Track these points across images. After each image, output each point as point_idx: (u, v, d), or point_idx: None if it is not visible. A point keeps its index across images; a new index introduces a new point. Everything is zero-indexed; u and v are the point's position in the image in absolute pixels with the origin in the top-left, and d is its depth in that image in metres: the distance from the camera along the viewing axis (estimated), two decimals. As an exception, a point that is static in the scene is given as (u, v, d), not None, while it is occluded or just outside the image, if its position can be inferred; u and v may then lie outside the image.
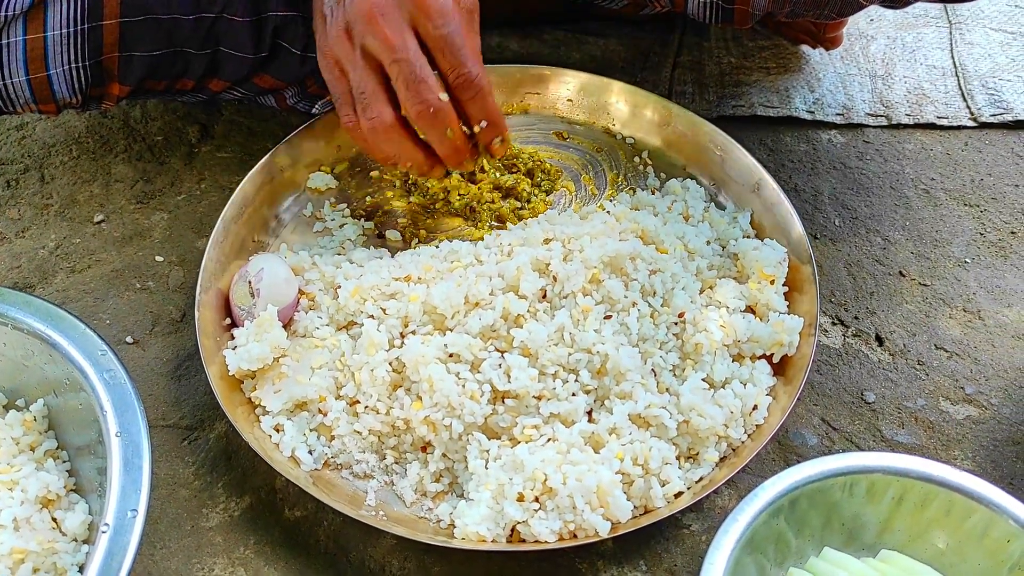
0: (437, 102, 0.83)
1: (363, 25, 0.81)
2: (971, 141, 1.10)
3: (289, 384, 0.82)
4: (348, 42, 0.83)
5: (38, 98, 0.92)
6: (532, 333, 0.81)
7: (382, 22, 0.81)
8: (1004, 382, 0.90)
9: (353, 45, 0.83)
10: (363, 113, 0.84)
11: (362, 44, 0.82)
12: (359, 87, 0.84)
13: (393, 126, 0.84)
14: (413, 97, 0.82)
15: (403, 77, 0.82)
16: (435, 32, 0.82)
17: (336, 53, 0.84)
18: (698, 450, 0.80)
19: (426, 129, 0.85)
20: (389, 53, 0.81)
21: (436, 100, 0.83)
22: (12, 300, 0.79)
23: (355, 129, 0.86)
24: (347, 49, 0.83)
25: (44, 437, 0.79)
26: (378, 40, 0.81)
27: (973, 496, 0.73)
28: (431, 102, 0.82)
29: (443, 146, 0.86)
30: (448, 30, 0.82)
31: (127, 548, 0.66)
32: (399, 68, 0.82)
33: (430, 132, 0.85)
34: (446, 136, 0.85)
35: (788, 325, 0.84)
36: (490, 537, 0.75)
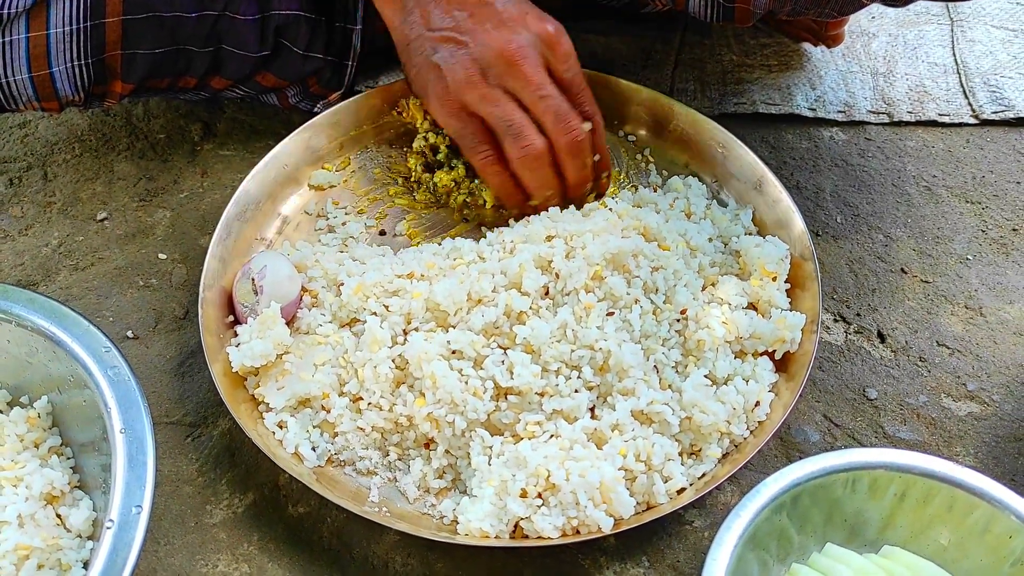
0: (583, 133, 0.89)
1: (502, 67, 0.86)
2: (972, 138, 1.10)
3: (292, 381, 0.82)
4: (484, 84, 0.86)
5: (41, 96, 0.92)
6: (535, 330, 0.81)
7: (523, 64, 0.86)
8: (1006, 378, 0.90)
9: (490, 86, 0.86)
10: (514, 142, 0.87)
11: (501, 84, 0.86)
12: (506, 119, 0.87)
13: (544, 153, 0.88)
14: (563, 127, 0.88)
15: (552, 110, 0.87)
16: (565, 74, 0.89)
17: (465, 98, 0.87)
18: (700, 446, 0.81)
19: (571, 158, 0.89)
20: (535, 90, 0.86)
21: (582, 131, 0.89)
22: (16, 297, 0.79)
23: (493, 164, 0.90)
24: (483, 90, 0.87)
25: (48, 434, 0.79)
26: (520, 80, 0.86)
27: (975, 492, 0.73)
28: (580, 132, 0.88)
29: (579, 175, 0.91)
30: (574, 72, 0.89)
31: (132, 544, 0.66)
32: (546, 103, 0.87)
33: (573, 161, 0.90)
34: (585, 165, 0.91)
35: (790, 322, 0.84)
36: (493, 533, 0.75)
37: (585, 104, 0.90)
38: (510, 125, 0.87)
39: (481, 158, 0.90)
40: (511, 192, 0.92)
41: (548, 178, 0.90)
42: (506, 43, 0.86)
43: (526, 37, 0.87)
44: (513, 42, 0.86)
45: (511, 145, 0.88)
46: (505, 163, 0.90)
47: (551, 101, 0.87)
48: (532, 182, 0.90)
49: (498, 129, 0.88)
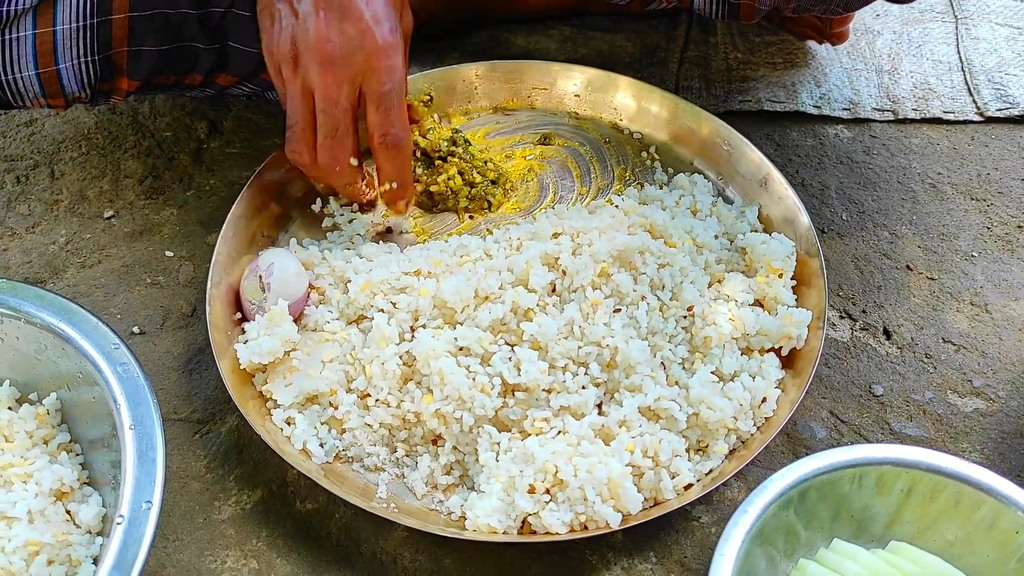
0: (346, 164, 0.88)
1: (310, 61, 0.84)
2: (977, 136, 1.10)
3: (300, 378, 0.83)
4: (292, 70, 0.85)
5: (47, 92, 0.92)
6: (542, 327, 0.81)
7: (327, 70, 0.83)
8: (1012, 375, 0.90)
9: (296, 73, 0.85)
10: (288, 142, 0.89)
11: (304, 77, 0.85)
12: (292, 118, 0.87)
13: (308, 165, 0.89)
14: (327, 151, 0.87)
15: (325, 129, 0.86)
16: (377, 89, 0.85)
17: (279, 65, 0.87)
18: (707, 442, 0.81)
19: (332, 180, 0.91)
20: (322, 100, 0.85)
21: (345, 162, 0.88)
22: (25, 295, 0.79)
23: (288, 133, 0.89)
24: (289, 74, 0.86)
25: (57, 430, 0.80)
26: (319, 83, 0.84)
27: (982, 488, 0.73)
28: (341, 161, 0.88)
29: (347, 194, 0.95)
30: (389, 88, 0.86)
31: (142, 539, 0.67)
32: (324, 118, 0.86)
33: (335, 182, 0.92)
34: (346, 189, 0.93)
35: (796, 318, 0.85)
36: (501, 529, 0.75)
37: (390, 124, 0.87)
38: (292, 124, 0.87)
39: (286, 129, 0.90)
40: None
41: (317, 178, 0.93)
42: (324, 40, 0.83)
43: (344, 43, 0.83)
44: (330, 42, 0.83)
45: (287, 140, 0.88)
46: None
47: (330, 119, 0.85)
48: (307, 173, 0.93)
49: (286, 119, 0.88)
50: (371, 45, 0.84)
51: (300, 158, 0.88)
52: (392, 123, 0.87)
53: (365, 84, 0.85)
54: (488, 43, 1.19)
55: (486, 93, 1.07)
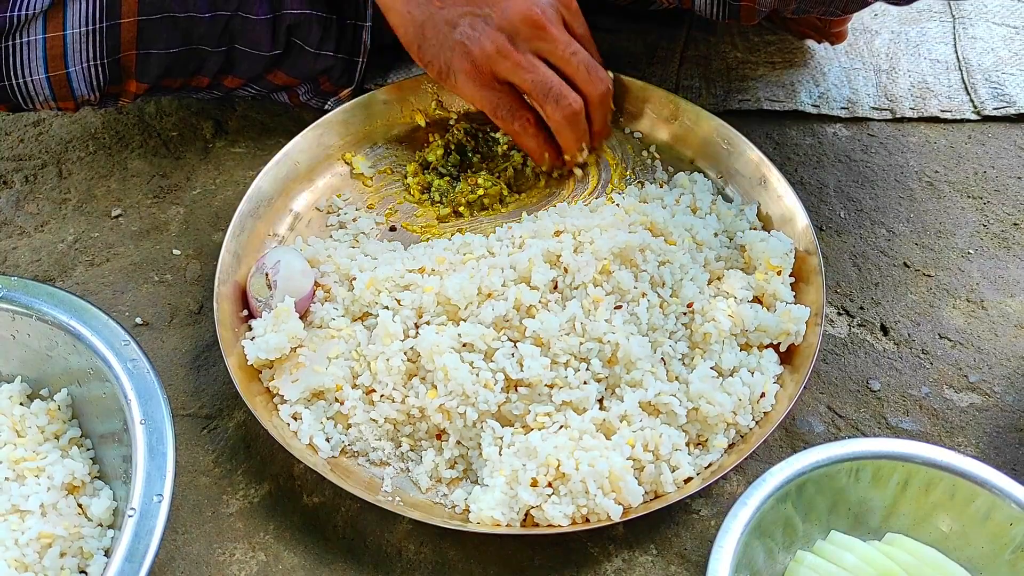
0: (610, 82, 0.95)
1: (529, 31, 0.90)
2: (974, 134, 1.11)
3: (306, 373, 0.84)
4: (515, 51, 0.90)
5: (57, 96, 0.93)
6: (544, 323, 0.83)
7: (549, 25, 0.90)
8: (1007, 370, 0.92)
9: (520, 51, 0.90)
10: (556, 105, 0.92)
11: (532, 49, 0.90)
12: (546, 84, 0.91)
13: (582, 109, 0.94)
14: (595, 80, 0.93)
15: (583, 65, 0.92)
16: (579, 30, 0.94)
17: (497, 68, 0.91)
18: (707, 437, 0.82)
19: (601, 108, 0.95)
20: (565, 48, 0.90)
21: (610, 81, 0.95)
22: (36, 292, 0.81)
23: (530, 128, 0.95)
24: (515, 57, 0.90)
25: (68, 426, 0.81)
26: (549, 42, 0.90)
27: (977, 480, 0.74)
28: (608, 82, 0.94)
29: (604, 125, 0.97)
30: (585, 28, 0.94)
31: (153, 531, 0.68)
32: (578, 59, 0.91)
33: (601, 110, 0.96)
34: (609, 113, 0.97)
35: (795, 314, 0.86)
36: (504, 521, 0.77)
37: (597, 56, 0.95)
38: (550, 88, 0.91)
39: (519, 125, 0.94)
40: (546, 153, 0.97)
41: (584, 133, 0.95)
42: (529, 8, 0.89)
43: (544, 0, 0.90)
44: (536, 6, 0.89)
45: (553, 107, 0.92)
46: (539, 127, 0.94)
47: (581, 56, 0.91)
48: (571, 139, 0.95)
49: (537, 93, 0.91)
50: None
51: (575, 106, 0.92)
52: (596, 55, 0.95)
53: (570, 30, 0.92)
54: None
55: (489, 93, 1.08)
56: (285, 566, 0.80)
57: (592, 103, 0.94)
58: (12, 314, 0.80)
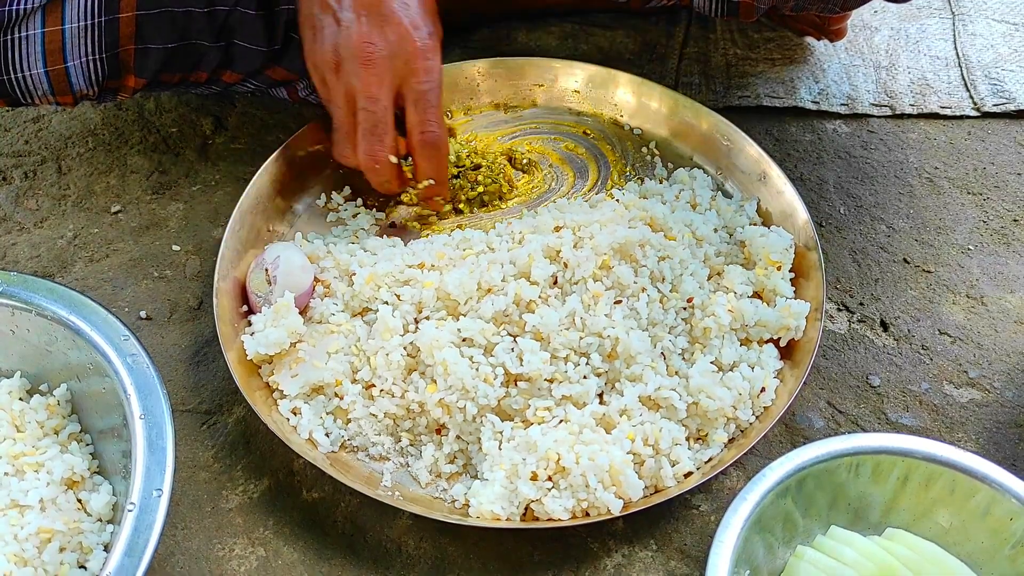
0: (385, 160, 0.91)
1: (353, 65, 0.88)
2: (974, 130, 1.11)
3: (306, 368, 0.84)
4: (335, 76, 0.89)
5: (56, 90, 0.93)
6: (544, 318, 0.83)
7: (370, 69, 0.87)
8: (1006, 366, 0.92)
9: (339, 78, 0.89)
10: (335, 145, 0.93)
11: (347, 80, 0.89)
12: (336, 122, 0.92)
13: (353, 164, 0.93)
14: (366, 148, 0.90)
15: (364, 127, 0.90)
16: (416, 88, 0.89)
17: (323, 74, 0.91)
18: (707, 431, 0.82)
19: (372, 177, 0.93)
20: (363, 100, 0.88)
21: (384, 159, 0.91)
22: (36, 287, 0.81)
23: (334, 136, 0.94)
24: (333, 80, 0.90)
25: (67, 421, 0.81)
26: (360, 84, 0.88)
27: (976, 476, 0.74)
28: (379, 159, 0.91)
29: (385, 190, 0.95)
30: (428, 88, 0.90)
31: (153, 526, 0.68)
32: (364, 116, 0.89)
33: (374, 179, 0.93)
34: (385, 185, 0.94)
35: (795, 310, 0.86)
36: (504, 515, 0.76)
37: (428, 123, 0.91)
38: (336, 128, 0.92)
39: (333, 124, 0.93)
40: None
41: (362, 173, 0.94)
42: (365, 43, 0.87)
43: (384, 45, 0.87)
44: (372, 45, 0.87)
45: (334, 143, 0.93)
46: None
47: (368, 116, 0.89)
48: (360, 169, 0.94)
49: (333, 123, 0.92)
50: (410, 47, 0.88)
51: (348, 160, 0.92)
52: (430, 122, 0.91)
53: (404, 85, 0.89)
54: (490, 40, 1.20)
55: (488, 90, 1.08)
56: (285, 561, 0.79)
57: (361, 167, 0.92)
58: (12, 309, 0.80)
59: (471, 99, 1.08)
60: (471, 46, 1.18)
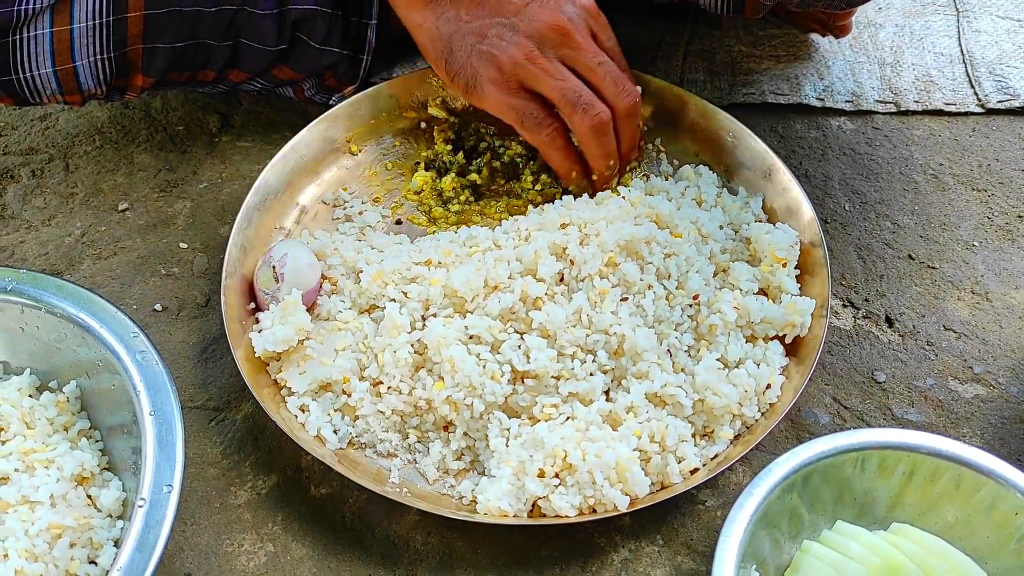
0: (639, 96, 0.92)
1: (557, 39, 0.89)
2: (978, 127, 1.12)
3: (313, 366, 0.84)
4: (543, 58, 0.88)
5: (64, 89, 0.94)
6: (550, 315, 0.83)
7: (576, 34, 0.89)
8: (1012, 362, 0.92)
9: (548, 59, 0.88)
10: (584, 114, 0.89)
11: (559, 56, 0.89)
12: (574, 92, 0.89)
13: (610, 121, 0.91)
14: (623, 92, 0.90)
15: (610, 75, 0.90)
16: (607, 43, 0.93)
17: (523, 75, 0.89)
18: (713, 428, 0.83)
19: (629, 121, 0.93)
20: (592, 57, 0.89)
21: (638, 94, 0.92)
22: (45, 285, 0.81)
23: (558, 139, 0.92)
24: (542, 64, 0.88)
25: (77, 418, 0.81)
26: (576, 49, 0.89)
27: (981, 470, 0.74)
28: (636, 95, 0.92)
29: (632, 140, 0.95)
30: (614, 42, 0.93)
31: (163, 521, 0.68)
32: (604, 69, 0.90)
33: (629, 125, 0.93)
34: (638, 129, 0.95)
35: (800, 306, 0.86)
36: (511, 512, 0.77)
37: (626, 70, 0.94)
38: (579, 96, 0.89)
39: (547, 135, 0.92)
40: (574, 166, 0.95)
41: (612, 147, 0.93)
42: (555, 15, 0.88)
43: (572, 9, 0.90)
44: (564, 14, 0.89)
45: (580, 117, 0.89)
46: (567, 139, 0.93)
47: (608, 67, 0.90)
48: (599, 153, 0.93)
49: (565, 102, 0.89)
50: (588, 5, 0.91)
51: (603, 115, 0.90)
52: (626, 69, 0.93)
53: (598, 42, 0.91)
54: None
55: (494, 87, 1.08)
56: (293, 557, 0.80)
57: (619, 115, 0.91)
58: (21, 307, 0.81)
59: (477, 97, 1.08)
60: (476, 44, 1.19)
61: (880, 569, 0.71)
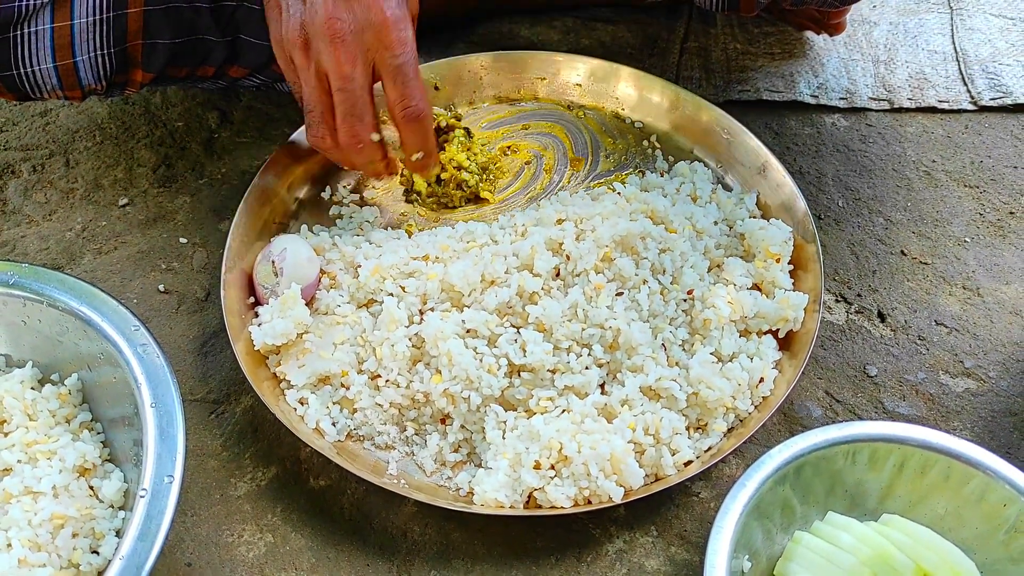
0: (368, 141, 0.89)
1: (322, 43, 0.84)
2: (971, 124, 1.13)
3: (312, 359, 0.85)
4: (305, 55, 0.86)
5: (65, 85, 0.94)
6: (546, 309, 0.84)
7: (339, 48, 0.84)
8: (1002, 356, 0.93)
9: (309, 57, 0.86)
10: (309, 128, 0.89)
11: (317, 60, 0.85)
12: (309, 104, 0.88)
13: (331, 147, 0.90)
14: (347, 131, 0.88)
15: (343, 108, 0.86)
16: (391, 62, 0.86)
17: (290, 53, 0.87)
18: (707, 421, 0.84)
19: (352, 158, 0.91)
20: (337, 80, 0.85)
21: (368, 139, 0.88)
22: (47, 279, 0.82)
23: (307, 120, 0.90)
24: (303, 61, 0.86)
25: (79, 410, 0.82)
26: (332, 63, 0.84)
27: (971, 463, 0.75)
28: (362, 139, 0.88)
29: (370, 171, 0.94)
30: (403, 60, 0.86)
31: (164, 511, 0.69)
32: (342, 97, 0.86)
33: (356, 161, 0.91)
34: (368, 165, 0.92)
35: (793, 301, 0.87)
36: (508, 503, 0.78)
37: (410, 97, 0.88)
38: (310, 111, 0.88)
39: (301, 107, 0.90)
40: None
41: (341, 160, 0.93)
42: (332, 19, 0.84)
43: (351, 21, 0.84)
44: (339, 21, 0.84)
45: (308, 126, 0.89)
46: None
47: (346, 97, 0.86)
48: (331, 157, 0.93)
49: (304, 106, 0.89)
50: (379, 19, 0.84)
51: (322, 142, 0.89)
52: (411, 95, 0.87)
53: (378, 59, 0.85)
54: (493, 34, 1.21)
55: (491, 83, 1.09)
56: (292, 547, 0.81)
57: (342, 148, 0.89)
58: (23, 300, 0.82)
59: (474, 92, 1.09)
60: (475, 40, 1.20)
61: (871, 559, 0.72)
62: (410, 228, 0.98)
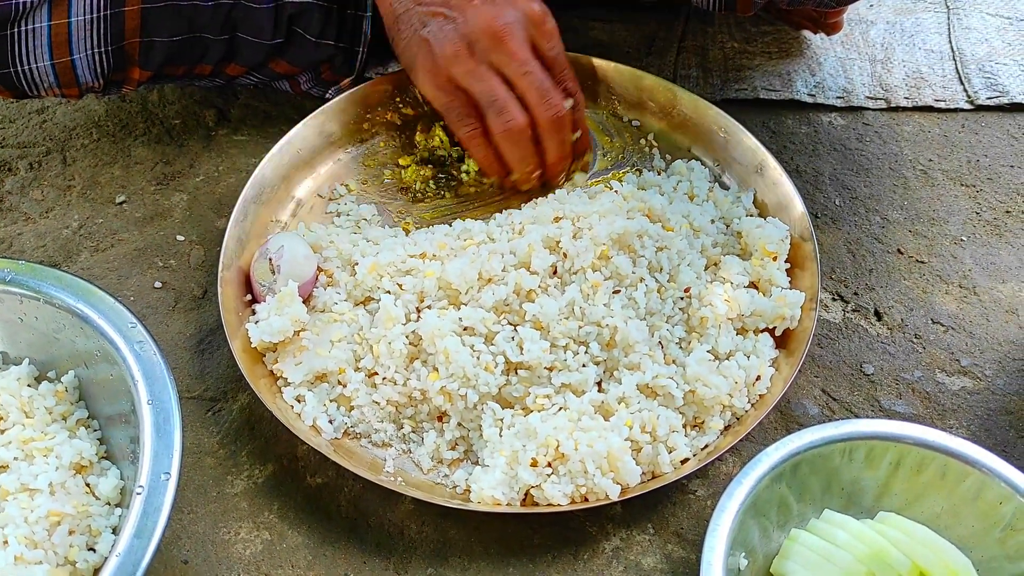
0: (564, 110, 0.92)
1: (488, 42, 0.89)
2: (968, 123, 1.13)
3: (309, 356, 0.85)
4: (471, 59, 0.89)
5: (62, 83, 0.94)
6: (544, 307, 0.84)
7: (509, 40, 0.89)
8: (998, 355, 0.93)
9: (477, 61, 0.89)
10: (498, 117, 0.91)
11: (488, 60, 0.89)
12: (490, 95, 0.90)
13: (525, 129, 0.92)
14: (545, 104, 0.91)
15: (535, 87, 0.90)
16: (549, 52, 0.92)
17: (452, 71, 0.90)
18: (703, 419, 0.84)
19: (552, 134, 0.93)
20: (520, 66, 0.90)
21: (564, 108, 0.92)
22: (44, 276, 0.82)
23: (477, 137, 0.93)
24: (470, 65, 0.90)
25: (75, 407, 0.82)
26: (506, 55, 0.89)
27: (967, 460, 0.76)
28: (561, 109, 0.92)
29: (558, 151, 0.95)
30: (558, 51, 0.93)
31: (161, 509, 0.69)
32: (530, 79, 0.90)
33: (554, 137, 0.93)
34: (564, 142, 0.94)
35: (790, 299, 0.87)
36: (505, 501, 0.78)
37: (567, 82, 0.94)
38: (494, 100, 0.90)
39: (467, 131, 0.94)
40: (493, 165, 0.96)
41: (528, 153, 0.94)
42: (493, 19, 0.89)
43: (513, 14, 0.90)
44: (500, 18, 0.89)
45: (494, 119, 0.91)
46: (489, 136, 0.93)
47: (534, 77, 0.90)
48: (512, 156, 0.94)
49: (482, 103, 0.91)
50: (532, 12, 0.91)
51: (517, 122, 0.91)
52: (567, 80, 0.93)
53: (539, 49, 0.91)
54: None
55: (488, 82, 1.09)
56: (289, 545, 0.81)
57: (540, 126, 0.92)
58: (20, 297, 0.82)
59: (471, 91, 1.09)
60: (471, 39, 1.19)
61: (867, 557, 0.73)
62: (407, 226, 0.98)
